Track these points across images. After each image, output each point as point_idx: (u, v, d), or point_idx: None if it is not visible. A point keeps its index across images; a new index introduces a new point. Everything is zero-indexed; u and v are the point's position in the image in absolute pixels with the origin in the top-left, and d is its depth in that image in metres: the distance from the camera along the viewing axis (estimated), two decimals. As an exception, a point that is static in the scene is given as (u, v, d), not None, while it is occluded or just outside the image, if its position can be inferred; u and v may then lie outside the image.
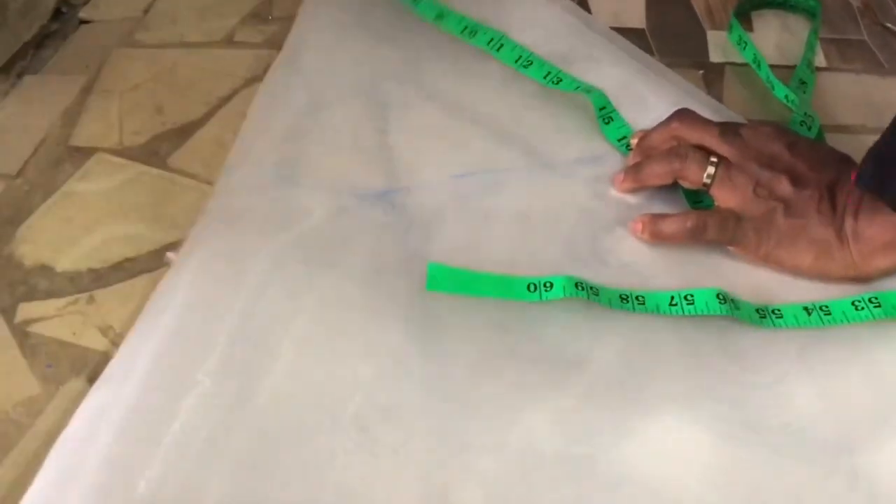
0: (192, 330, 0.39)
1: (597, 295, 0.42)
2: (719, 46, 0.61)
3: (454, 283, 0.42)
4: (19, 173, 0.50)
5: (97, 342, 0.42)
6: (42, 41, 0.59)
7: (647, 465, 0.36)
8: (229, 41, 0.60)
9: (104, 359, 0.41)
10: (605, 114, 0.51)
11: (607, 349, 0.40)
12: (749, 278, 0.44)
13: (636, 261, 0.45)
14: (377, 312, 0.41)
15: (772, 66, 0.57)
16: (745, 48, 0.59)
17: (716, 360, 0.40)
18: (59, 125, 0.53)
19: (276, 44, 0.58)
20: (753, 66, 0.59)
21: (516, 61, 0.54)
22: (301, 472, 0.36)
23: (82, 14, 0.61)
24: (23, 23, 0.58)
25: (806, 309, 0.42)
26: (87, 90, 0.56)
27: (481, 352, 0.40)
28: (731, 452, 0.37)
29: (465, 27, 0.56)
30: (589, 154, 0.50)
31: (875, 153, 0.42)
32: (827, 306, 0.42)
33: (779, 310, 0.42)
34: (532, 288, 0.41)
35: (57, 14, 0.61)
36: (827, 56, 0.61)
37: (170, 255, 0.45)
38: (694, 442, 0.37)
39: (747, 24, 0.63)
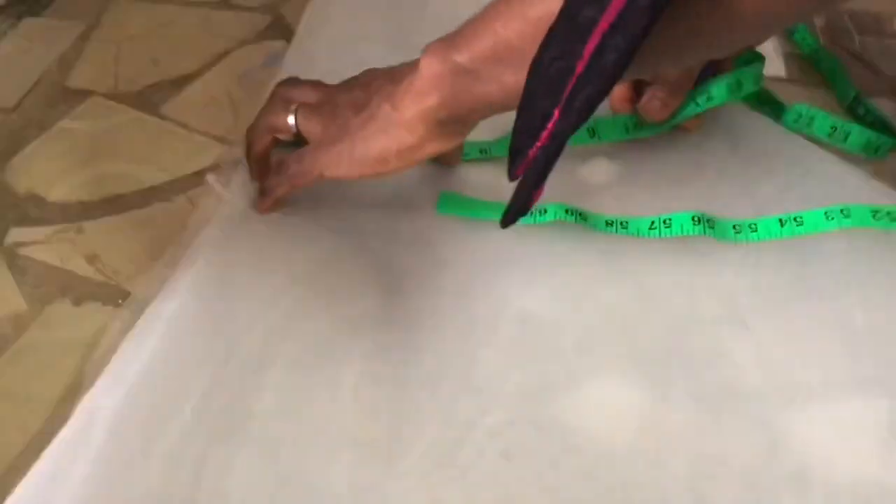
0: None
1: (584, 220, 0.46)
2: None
3: (461, 207, 0.47)
4: (15, 108, 0.52)
5: (83, 269, 0.44)
6: (42, -14, 0.61)
7: (587, 417, 0.39)
8: (226, 3, 0.62)
9: (89, 284, 0.43)
10: None
11: (562, 304, 0.43)
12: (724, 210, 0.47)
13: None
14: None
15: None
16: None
17: (659, 316, 0.43)
18: (56, 67, 0.55)
19: (270, 9, 0.61)
20: None
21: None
22: None
23: (83, -38, 0.63)
24: (24, -34, 0.60)
25: (780, 220, 0.46)
26: (84, 37, 0.58)
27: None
28: (667, 408, 0.40)
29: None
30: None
31: None
32: (800, 217, 0.46)
33: (754, 224, 0.46)
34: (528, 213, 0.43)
35: (58, -40, 0.63)
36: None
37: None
38: (630, 397, 0.40)
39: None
